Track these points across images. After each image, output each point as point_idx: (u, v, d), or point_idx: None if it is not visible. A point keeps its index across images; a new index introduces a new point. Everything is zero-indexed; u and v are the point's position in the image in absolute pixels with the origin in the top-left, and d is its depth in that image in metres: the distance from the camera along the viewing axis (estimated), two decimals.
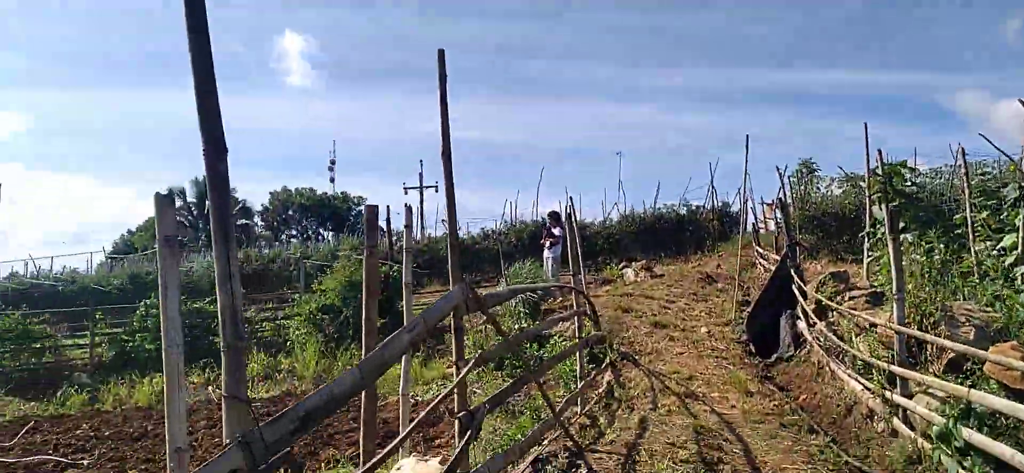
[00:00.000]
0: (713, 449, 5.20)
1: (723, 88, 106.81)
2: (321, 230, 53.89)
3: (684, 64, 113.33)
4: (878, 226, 10.51)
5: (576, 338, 10.15)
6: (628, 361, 9.23)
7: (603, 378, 8.75)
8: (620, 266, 18.53)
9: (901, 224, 9.87)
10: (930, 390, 4.75)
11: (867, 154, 10.71)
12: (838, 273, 9.26)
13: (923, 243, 7.04)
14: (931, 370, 5.61)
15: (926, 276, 5.84)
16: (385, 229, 17.81)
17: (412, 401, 8.10)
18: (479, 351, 10.86)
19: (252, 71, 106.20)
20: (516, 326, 11.22)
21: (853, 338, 6.55)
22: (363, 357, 3.05)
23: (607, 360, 9.29)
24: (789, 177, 21.49)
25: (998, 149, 7.82)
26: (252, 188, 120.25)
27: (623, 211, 25.99)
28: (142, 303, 16.83)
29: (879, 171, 9.89)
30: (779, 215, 17.41)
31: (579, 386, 6.71)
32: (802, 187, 20.93)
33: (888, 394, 5.28)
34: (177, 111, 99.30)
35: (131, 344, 16.11)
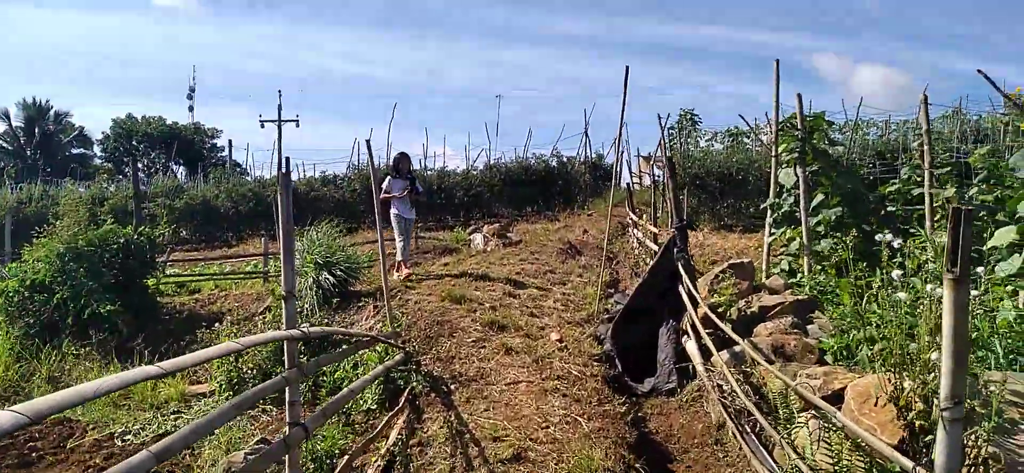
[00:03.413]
0: None
1: (604, 34, 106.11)
2: (172, 164, 46.58)
3: (572, 13, 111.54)
4: (785, 196, 7.95)
5: (382, 361, 6.87)
6: (437, 395, 6.06)
7: (391, 432, 5.52)
8: (468, 231, 15.21)
9: (819, 197, 7.29)
10: None
11: (777, 100, 8.03)
12: (739, 265, 6.53)
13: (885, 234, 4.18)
14: None
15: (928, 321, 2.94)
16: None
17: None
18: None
19: None
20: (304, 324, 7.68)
21: (793, 417, 3.65)
22: None
23: (405, 395, 6.08)
24: (669, 129, 19.13)
25: (997, 89, 5.21)
26: (96, 113, 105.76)
27: (490, 160, 22.78)
28: None
29: (796, 123, 7.22)
30: (658, 173, 14.86)
31: None
32: (683, 139, 18.64)
33: None
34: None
35: None
